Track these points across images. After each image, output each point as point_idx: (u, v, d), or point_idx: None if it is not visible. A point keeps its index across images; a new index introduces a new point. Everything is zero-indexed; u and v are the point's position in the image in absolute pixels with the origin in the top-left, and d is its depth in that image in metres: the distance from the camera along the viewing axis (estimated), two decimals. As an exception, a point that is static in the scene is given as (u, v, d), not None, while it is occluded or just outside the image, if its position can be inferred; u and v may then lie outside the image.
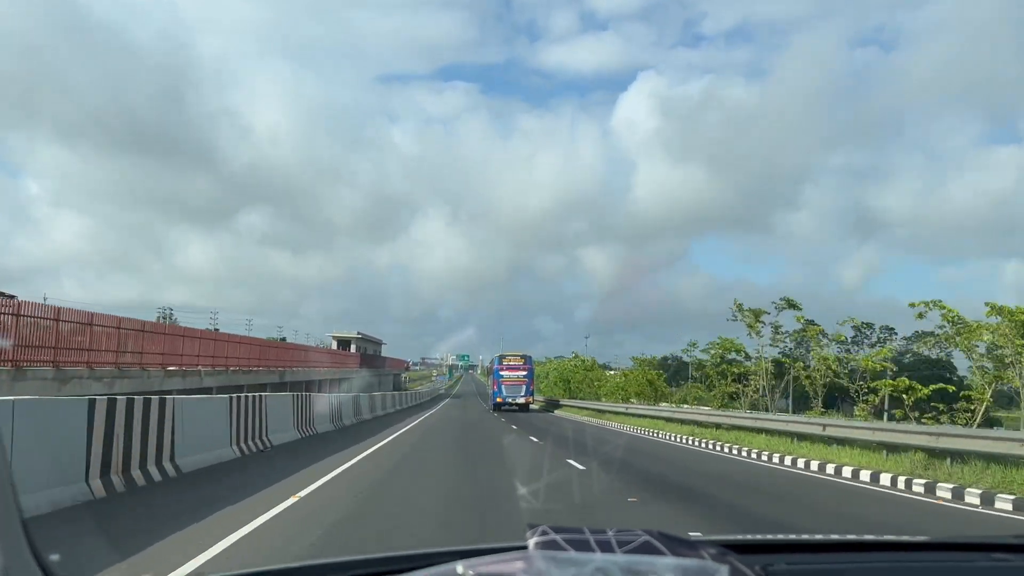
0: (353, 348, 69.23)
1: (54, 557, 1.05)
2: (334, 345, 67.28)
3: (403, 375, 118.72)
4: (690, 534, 1.22)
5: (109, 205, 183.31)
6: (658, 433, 24.96)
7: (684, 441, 22.16)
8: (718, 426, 22.03)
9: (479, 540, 3.23)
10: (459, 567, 0.94)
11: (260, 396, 15.44)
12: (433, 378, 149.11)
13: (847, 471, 13.66)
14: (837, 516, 9.54)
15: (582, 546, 0.96)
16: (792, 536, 1.76)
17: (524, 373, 47.09)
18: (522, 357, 48.22)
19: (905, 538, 1.74)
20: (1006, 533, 3.06)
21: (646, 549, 0.97)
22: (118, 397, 9.31)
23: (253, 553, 6.11)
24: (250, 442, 13.92)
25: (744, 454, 18.04)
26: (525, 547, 0.99)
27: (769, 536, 1.81)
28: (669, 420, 27.07)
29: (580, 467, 13.15)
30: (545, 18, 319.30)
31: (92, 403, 8.31)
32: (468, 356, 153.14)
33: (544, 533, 0.99)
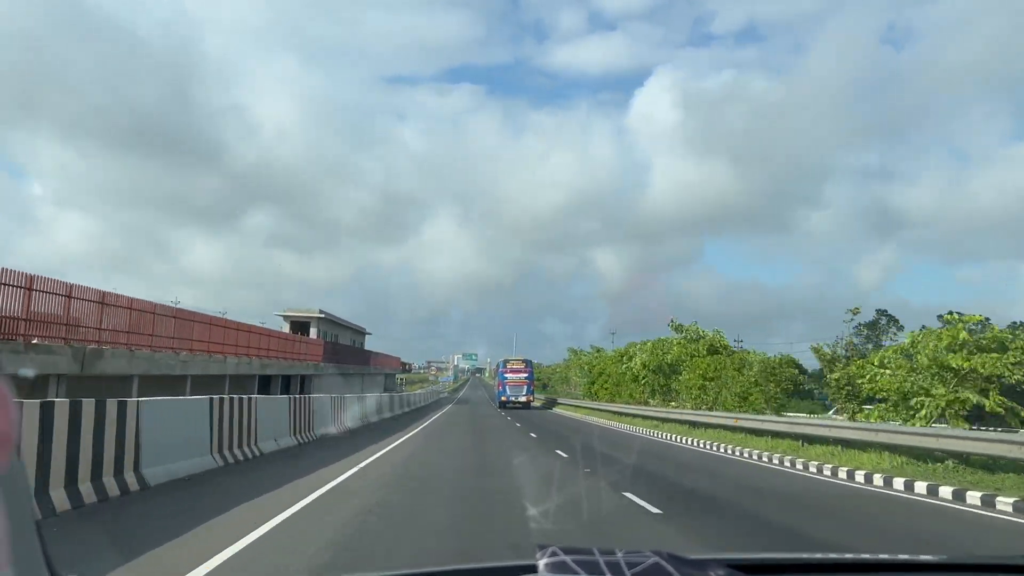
0: (314, 333, 48.12)
1: None
2: (285, 328, 46.18)
3: (398, 376, 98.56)
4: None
5: (113, 205, 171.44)
6: None
7: None
8: None
9: None
10: None
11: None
12: (430, 377, 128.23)
13: None
14: None
15: (591, 567, 0.96)
16: (803, 555, 1.72)
17: (525, 375, 53.05)
18: (523, 361, 54.40)
19: (918, 558, 1.71)
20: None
21: (655, 571, 0.96)
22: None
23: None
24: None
25: None
26: (535, 567, 1.00)
27: (781, 555, 1.70)
28: None
29: None
30: (552, 18, 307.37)
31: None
32: (476, 356, 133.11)
33: (554, 554, 0.99)
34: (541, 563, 0.99)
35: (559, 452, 16.81)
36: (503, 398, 52.85)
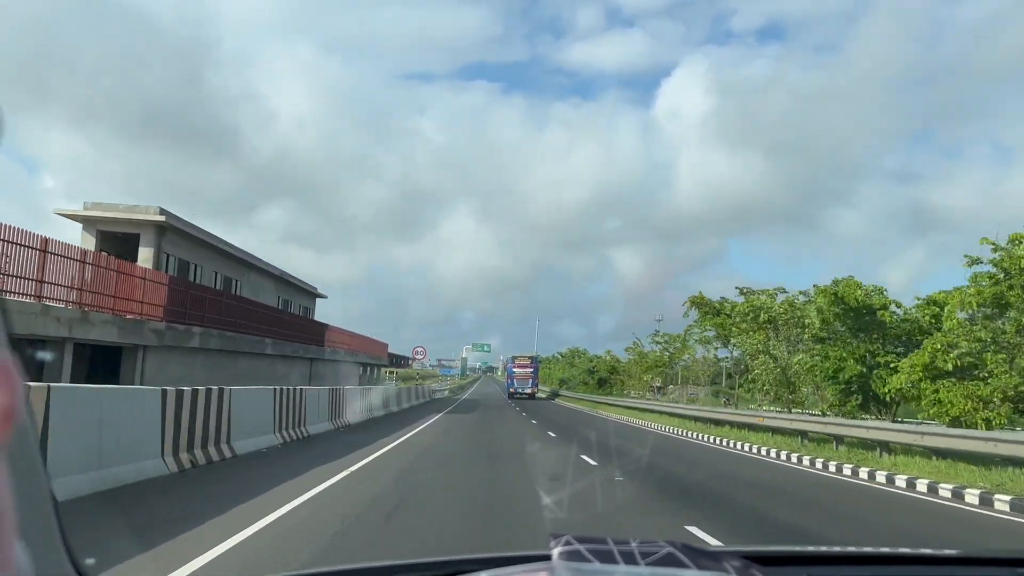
0: (147, 257, 23.00)
1: (90, 561, 1.03)
2: (88, 245, 21.32)
3: (388, 370, 74.44)
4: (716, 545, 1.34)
5: (124, 197, 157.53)
6: None
7: None
8: None
9: None
10: None
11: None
12: (413, 363, 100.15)
13: None
14: None
15: (606, 557, 0.95)
16: (817, 548, 1.75)
17: (531, 370, 60.74)
18: (529, 358, 63.11)
19: (933, 552, 1.67)
20: None
21: (669, 561, 0.95)
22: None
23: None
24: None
25: None
26: (548, 556, 0.99)
27: (795, 548, 1.72)
28: None
29: None
30: (570, 15, 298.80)
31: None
32: (489, 346, 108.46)
33: (568, 543, 0.98)
34: (555, 552, 0.97)
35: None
36: (511, 390, 59.32)
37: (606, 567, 0.93)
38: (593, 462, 12.70)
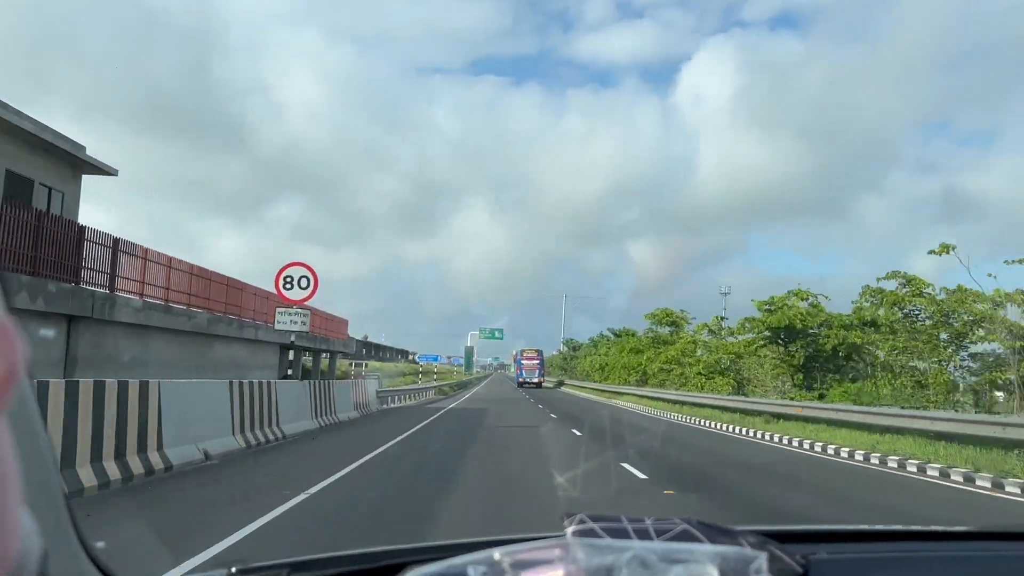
0: None
1: (100, 544, 1.03)
2: None
3: (355, 363, 52.07)
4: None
5: (134, 194, 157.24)
6: None
7: None
8: None
9: None
10: (496, 553, 0.93)
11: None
12: (292, 338, 71.47)
13: None
14: None
15: (620, 534, 0.96)
16: (834, 526, 1.71)
17: (538, 362, 68.77)
18: (536, 351, 69.95)
19: (951, 527, 1.67)
20: None
21: (684, 537, 0.96)
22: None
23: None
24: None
25: None
26: (563, 535, 0.99)
27: (811, 526, 1.69)
28: None
29: None
30: (578, 6, 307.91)
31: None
32: (501, 332, 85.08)
33: (582, 521, 0.98)
34: (569, 531, 0.96)
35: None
36: (520, 380, 67.00)
37: (620, 542, 0.90)
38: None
